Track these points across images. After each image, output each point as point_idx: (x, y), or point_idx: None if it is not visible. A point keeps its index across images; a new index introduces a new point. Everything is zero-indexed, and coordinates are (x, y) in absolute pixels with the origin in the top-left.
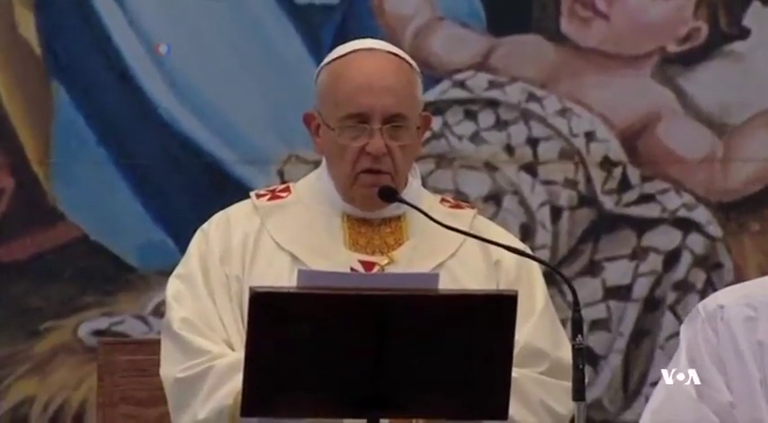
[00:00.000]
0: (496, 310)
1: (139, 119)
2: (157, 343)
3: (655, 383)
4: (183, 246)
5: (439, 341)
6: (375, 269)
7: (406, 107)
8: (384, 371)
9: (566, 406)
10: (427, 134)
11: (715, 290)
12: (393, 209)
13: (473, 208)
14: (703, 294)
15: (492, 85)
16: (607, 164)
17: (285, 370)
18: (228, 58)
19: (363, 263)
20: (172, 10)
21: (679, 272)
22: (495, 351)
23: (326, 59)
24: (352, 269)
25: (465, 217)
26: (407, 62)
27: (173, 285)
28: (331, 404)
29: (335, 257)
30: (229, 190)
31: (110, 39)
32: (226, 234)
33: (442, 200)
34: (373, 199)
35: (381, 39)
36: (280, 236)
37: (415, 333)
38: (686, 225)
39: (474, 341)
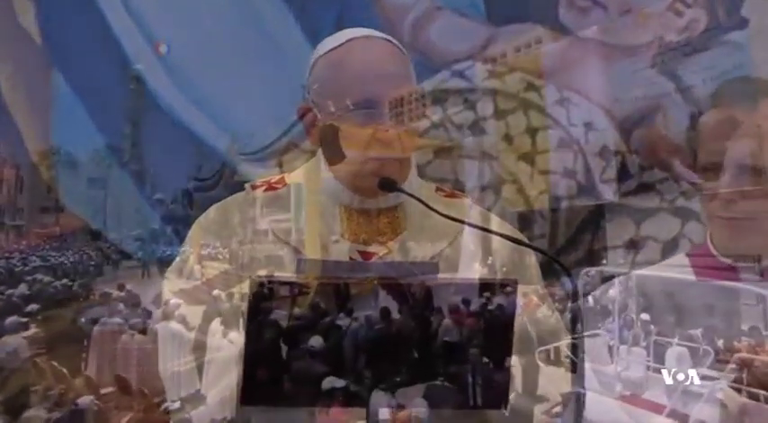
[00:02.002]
0: (495, 298)
1: (139, 108)
2: (155, 332)
3: None
4: (181, 236)
5: (437, 330)
6: (374, 259)
7: (408, 93)
8: (383, 360)
9: None
10: (426, 124)
11: None
12: (391, 199)
13: (467, 197)
14: None
15: (491, 74)
16: (606, 153)
17: (284, 359)
18: (228, 49)
19: (362, 253)
20: (172, 0)
21: None
22: (495, 339)
23: (321, 50)
24: (350, 259)
25: (461, 206)
26: (401, 49)
27: (170, 278)
28: (330, 394)
29: (334, 248)
30: (228, 180)
31: (109, 28)
32: (223, 226)
33: (438, 189)
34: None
35: (380, 29)
36: (277, 227)
37: (414, 322)
38: (685, 214)
39: (473, 329)
